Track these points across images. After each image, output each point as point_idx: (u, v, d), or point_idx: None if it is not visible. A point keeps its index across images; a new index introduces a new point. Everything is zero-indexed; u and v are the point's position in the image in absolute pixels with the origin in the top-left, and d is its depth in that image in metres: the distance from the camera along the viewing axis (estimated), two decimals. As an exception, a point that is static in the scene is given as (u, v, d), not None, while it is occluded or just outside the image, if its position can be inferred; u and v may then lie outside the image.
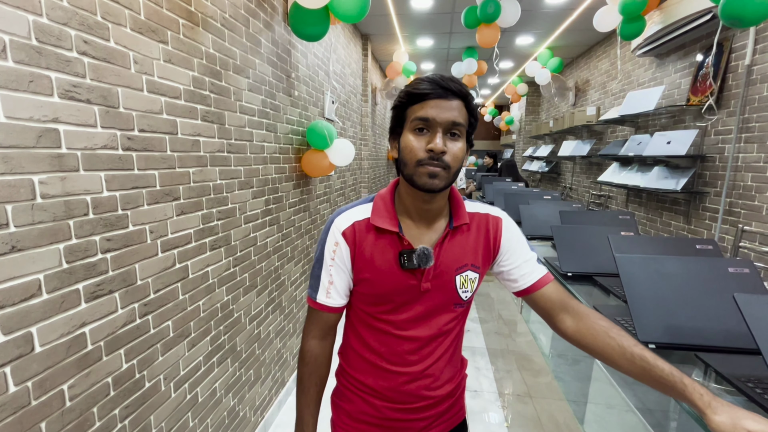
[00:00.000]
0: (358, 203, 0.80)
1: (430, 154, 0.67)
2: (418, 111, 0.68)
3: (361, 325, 0.81)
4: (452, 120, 0.67)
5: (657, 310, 0.84)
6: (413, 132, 0.69)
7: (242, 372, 1.74)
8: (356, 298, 0.80)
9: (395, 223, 0.75)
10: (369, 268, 0.75)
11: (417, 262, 0.71)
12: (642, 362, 0.63)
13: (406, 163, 0.70)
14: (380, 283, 0.74)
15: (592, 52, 4.66)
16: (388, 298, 0.76)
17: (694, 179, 2.61)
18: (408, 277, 0.74)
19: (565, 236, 1.40)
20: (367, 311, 0.79)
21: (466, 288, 0.77)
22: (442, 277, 0.75)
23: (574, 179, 4.97)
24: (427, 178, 0.68)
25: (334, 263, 0.76)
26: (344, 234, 0.75)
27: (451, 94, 0.68)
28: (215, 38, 1.44)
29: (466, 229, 0.78)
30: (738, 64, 2.31)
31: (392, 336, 0.77)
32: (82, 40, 0.90)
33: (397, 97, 0.73)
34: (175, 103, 1.23)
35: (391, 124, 0.76)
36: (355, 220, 0.76)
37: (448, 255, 0.76)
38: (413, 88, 0.69)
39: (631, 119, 3.33)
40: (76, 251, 0.90)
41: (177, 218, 1.26)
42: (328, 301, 0.78)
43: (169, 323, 1.24)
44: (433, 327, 0.77)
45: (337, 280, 0.77)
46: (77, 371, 0.91)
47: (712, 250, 1.12)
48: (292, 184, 2.25)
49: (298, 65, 2.30)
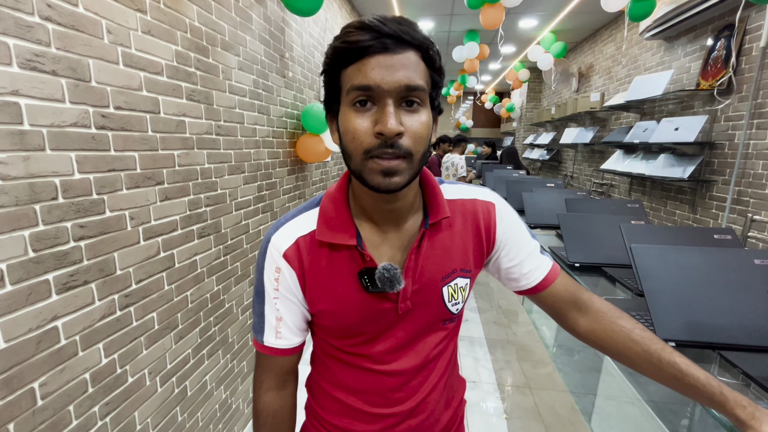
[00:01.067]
0: (301, 209, 0.60)
1: (381, 139, 0.47)
2: (354, 76, 0.47)
3: (329, 360, 0.64)
4: (405, 83, 0.46)
5: (677, 305, 0.77)
6: (353, 107, 0.48)
7: (234, 363, 1.68)
8: (319, 329, 0.63)
9: (352, 232, 0.56)
10: (326, 297, 0.57)
11: (381, 286, 0.54)
12: (672, 369, 0.54)
13: (350, 153, 0.50)
14: (343, 313, 0.57)
15: (597, 35, 4.52)
16: (358, 330, 0.59)
17: (702, 167, 2.53)
18: (379, 301, 0.57)
19: (572, 225, 1.33)
20: (334, 345, 0.62)
21: (456, 299, 0.61)
22: (424, 292, 0.58)
23: (576, 167, 4.88)
24: (381, 178, 0.48)
25: (279, 293, 0.58)
26: (286, 256, 0.57)
27: (400, 43, 0.46)
28: (201, 10, 1.33)
29: (447, 224, 0.60)
30: (752, 47, 2.21)
31: (370, 372, 0.60)
32: (46, 4, 0.81)
33: (325, 56, 0.51)
34: (156, 80, 1.13)
35: (325, 97, 0.54)
36: (299, 235, 0.57)
37: (429, 262, 0.58)
38: (343, 40, 0.47)
39: (637, 105, 3.24)
40: (44, 239, 0.82)
41: (160, 204, 1.18)
42: (280, 342, 0.60)
43: (154, 315, 1.17)
44: (420, 354, 0.61)
45: (287, 315, 0.59)
46: (49, 368, 0.85)
47: (731, 240, 1.06)
48: (287, 169, 2.16)
49: (292, 45, 2.19)
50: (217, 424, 1.56)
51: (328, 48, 0.50)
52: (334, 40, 0.49)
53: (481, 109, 10.16)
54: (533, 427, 2.01)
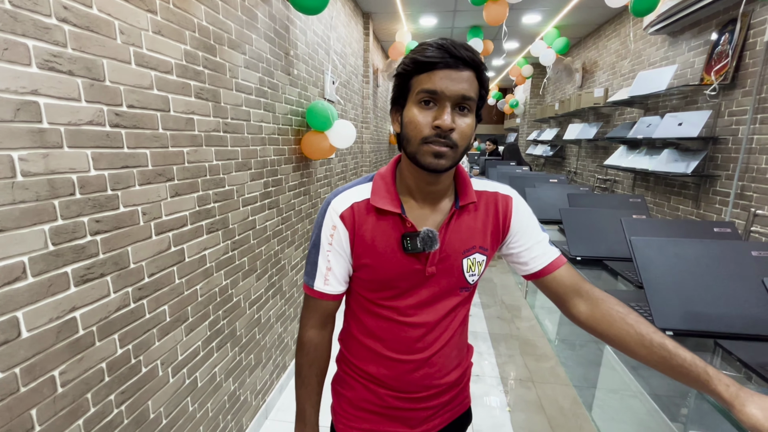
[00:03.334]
0: (357, 183, 0.74)
1: (437, 131, 0.61)
2: (425, 82, 0.61)
3: (362, 311, 0.76)
4: (462, 93, 0.61)
5: (675, 295, 0.79)
6: (418, 105, 0.63)
7: (242, 357, 1.72)
8: (357, 284, 0.75)
9: (397, 204, 0.69)
10: (370, 253, 0.70)
11: (421, 246, 0.66)
12: (661, 350, 0.58)
13: (410, 139, 0.64)
14: (382, 268, 0.70)
15: (601, 31, 4.50)
16: (391, 284, 0.71)
17: (705, 162, 2.53)
18: (412, 262, 0.69)
19: (574, 219, 1.35)
20: (368, 297, 0.74)
21: (473, 271, 0.72)
22: (448, 261, 0.70)
23: (579, 163, 4.88)
24: (432, 158, 0.62)
25: (331, 248, 0.71)
26: (342, 216, 0.70)
27: (462, 63, 0.61)
28: (208, 10, 1.36)
29: (473, 208, 0.73)
30: (756, 41, 2.21)
31: (396, 322, 0.73)
32: (62, 6, 0.84)
33: (401, 63, 0.65)
34: (166, 78, 1.16)
35: (393, 93, 0.68)
36: (354, 201, 0.70)
37: (454, 237, 0.71)
38: (420, 54, 0.62)
39: (641, 100, 3.23)
40: (62, 233, 0.86)
41: (171, 200, 1.21)
42: (327, 288, 0.73)
43: (166, 308, 1.20)
44: (439, 312, 0.73)
45: (336, 266, 0.72)
46: (69, 357, 0.88)
47: (731, 233, 1.07)
48: (292, 166, 2.19)
49: (297, 42, 2.21)
50: (226, 415, 1.59)
51: (405, 57, 0.65)
52: (411, 53, 0.64)
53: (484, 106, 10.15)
54: (536, 420, 2.03)
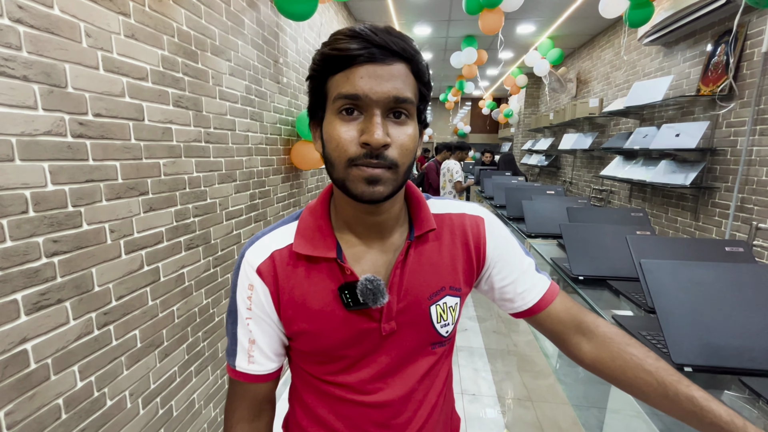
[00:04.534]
0: (279, 224, 0.57)
1: (367, 149, 0.45)
2: (341, 84, 0.45)
3: (307, 391, 0.58)
4: (394, 95, 0.45)
5: (692, 326, 0.72)
6: (338, 115, 0.46)
7: (225, 380, 1.62)
8: (296, 355, 0.58)
9: (332, 245, 0.52)
10: (302, 316, 0.53)
11: (362, 300, 0.50)
12: (690, 405, 0.48)
13: (333, 162, 0.47)
14: (323, 334, 0.53)
15: (595, 41, 4.51)
16: (338, 353, 0.54)
17: (704, 174, 2.49)
18: (360, 320, 0.52)
19: (575, 235, 1.28)
20: (311, 373, 0.56)
21: (445, 320, 0.56)
22: (411, 311, 0.54)
23: (575, 173, 4.85)
24: (365, 185, 0.46)
25: (252, 314, 0.54)
26: (259, 271, 0.53)
27: (389, 54, 0.45)
28: (189, 14, 1.29)
29: (434, 237, 0.56)
30: (753, 52, 2.18)
31: (351, 404, 0.55)
32: (16, 5, 0.76)
33: (312, 61, 0.49)
34: (140, 86, 1.08)
35: (309, 102, 0.52)
36: (274, 249, 0.54)
37: (415, 278, 0.54)
38: (332, 47, 0.46)
39: (636, 111, 3.21)
40: (12, 256, 0.76)
41: (144, 215, 1.12)
42: (252, 367, 0.55)
43: (136, 333, 1.11)
44: (408, 382, 0.55)
45: (261, 337, 0.54)
46: (17, 394, 0.78)
47: (744, 253, 1.00)
48: (281, 177, 2.11)
49: (286, 50, 2.14)
50: (206, 444, 1.49)
51: (315, 54, 0.49)
52: (322, 46, 0.48)
53: (478, 115, 10.16)
54: (535, 443, 1.94)
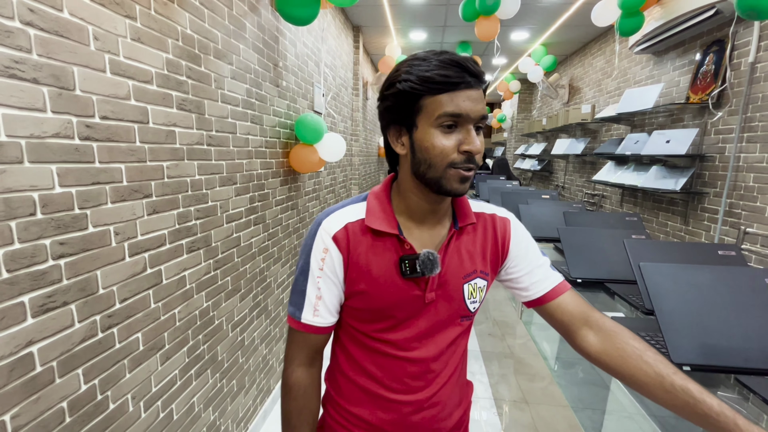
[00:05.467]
0: (349, 202, 0.68)
1: (466, 155, 0.58)
2: (446, 104, 0.57)
3: (353, 345, 0.69)
4: (483, 114, 0.59)
5: (690, 327, 0.74)
6: (440, 129, 0.58)
7: (224, 383, 1.61)
8: (348, 315, 0.68)
9: (394, 225, 0.64)
10: (365, 279, 0.64)
11: (420, 270, 0.61)
12: (685, 396, 0.53)
13: (433, 164, 0.59)
14: (379, 295, 0.64)
15: (587, 49, 4.60)
16: (388, 313, 0.65)
17: (693, 179, 2.56)
18: (410, 287, 0.64)
19: (572, 239, 1.31)
20: (361, 330, 0.67)
21: (474, 298, 0.68)
22: (448, 286, 0.65)
23: (567, 178, 4.92)
24: (458, 183, 0.59)
25: (323, 274, 0.64)
26: (335, 238, 0.64)
27: (479, 82, 0.58)
28: (193, 17, 1.30)
29: (472, 230, 0.69)
30: (741, 62, 2.25)
31: (393, 358, 0.66)
32: (27, 8, 0.76)
33: (404, 80, 0.58)
34: (145, 88, 1.09)
35: (393, 112, 0.62)
36: (348, 221, 0.65)
37: (454, 260, 0.66)
38: (434, 73, 0.56)
39: (628, 117, 3.28)
40: (19, 258, 0.76)
41: (148, 218, 1.12)
42: (316, 320, 0.66)
43: (139, 335, 1.10)
44: (439, 345, 0.67)
45: (327, 295, 0.65)
46: (23, 398, 0.78)
47: (736, 256, 1.04)
48: (279, 180, 2.11)
49: (286, 54, 2.16)
50: (205, 448, 1.48)
51: (410, 75, 0.58)
52: (421, 70, 0.57)
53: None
54: (532, 445, 1.96)
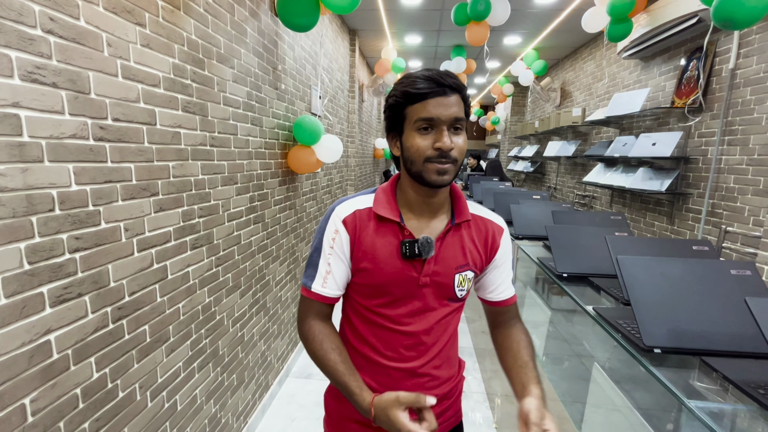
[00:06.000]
0: (360, 194, 0.80)
1: (439, 152, 0.68)
2: (420, 111, 0.68)
3: (357, 318, 0.80)
4: (454, 116, 0.68)
5: (661, 314, 0.81)
6: (418, 132, 0.69)
7: (224, 377, 1.66)
8: (353, 290, 0.79)
9: (397, 214, 0.75)
10: (368, 257, 0.73)
11: (418, 251, 0.71)
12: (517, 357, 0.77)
13: (414, 160, 0.70)
14: (379, 272, 0.73)
15: (577, 54, 4.71)
16: (386, 290, 0.74)
17: (678, 181, 2.65)
18: (408, 268, 0.73)
19: (559, 237, 1.38)
20: (364, 304, 0.77)
21: (462, 287, 0.77)
22: (441, 274, 0.74)
23: (559, 179, 5.02)
24: (436, 175, 0.69)
25: (333, 252, 0.75)
26: (345, 221, 0.74)
27: (449, 89, 0.68)
28: (197, 24, 1.35)
29: (467, 227, 0.78)
30: (722, 68, 2.35)
31: (390, 331, 0.76)
32: (48, 17, 0.82)
33: (392, 95, 0.72)
34: (153, 92, 1.14)
35: (388, 122, 0.75)
36: (357, 208, 0.76)
37: (448, 251, 0.75)
38: (411, 87, 0.69)
39: (617, 121, 3.37)
40: (39, 251, 0.81)
41: (155, 215, 1.17)
42: (324, 290, 0.76)
43: (146, 328, 1.15)
44: (429, 321, 0.76)
45: (335, 270, 0.75)
46: (41, 383, 0.83)
47: (708, 251, 1.11)
48: (278, 180, 2.17)
49: (284, 57, 2.21)
50: (206, 440, 1.52)
51: (396, 90, 0.71)
52: (401, 86, 0.70)
53: (466, 122, 10.38)
54: (523, 437, 2.02)
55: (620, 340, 0.87)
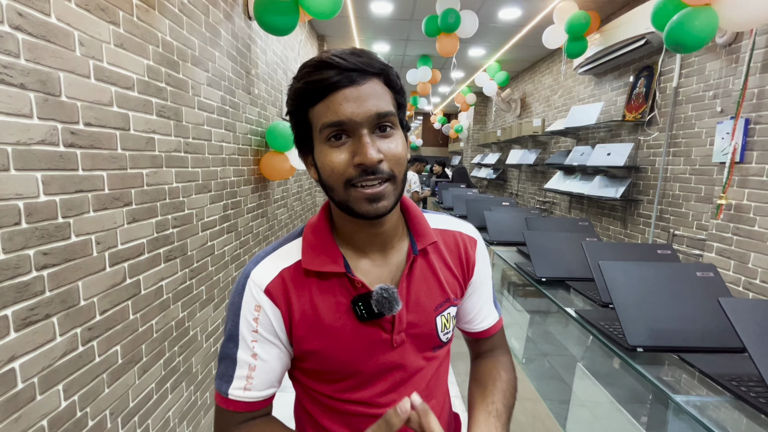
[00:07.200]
0: (281, 242, 0.57)
1: (362, 168, 0.47)
2: (323, 114, 0.47)
3: (317, 409, 0.57)
4: (376, 111, 0.47)
5: (641, 315, 0.88)
6: (327, 143, 0.48)
7: (198, 395, 1.56)
8: (303, 375, 0.57)
9: (339, 261, 0.53)
10: (316, 335, 0.52)
11: (377, 309, 0.51)
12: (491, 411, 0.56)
13: (332, 186, 0.49)
14: (336, 352, 0.53)
15: (536, 67, 4.98)
16: (352, 369, 0.54)
17: (630, 188, 2.87)
18: (374, 332, 0.53)
19: (536, 242, 1.44)
20: (322, 392, 0.56)
21: (447, 329, 0.59)
22: (418, 324, 0.55)
23: (520, 186, 5.26)
24: (367, 204, 0.48)
25: (258, 337, 0.52)
26: (269, 291, 0.52)
27: (363, 74, 0.47)
28: (172, 24, 1.29)
29: (433, 250, 0.58)
30: (666, 86, 2.59)
31: (368, 417, 0.53)
32: (16, 12, 0.74)
33: (288, 98, 0.50)
34: (127, 95, 1.07)
35: (295, 136, 0.53)
36: (282, 267, 0.53)
37: (420, 290, 0.56)
38: (306, 81, 0.47)
39: (574, 131, 3.60)
40: (3, 269, 0.73)
41: (128, 226, 1.09)
42: (248, 394, 0.52)
43: (118, 348, 1.07)
44: (417, 388, 0.56)
45: (266, 361, 0.53)
46: (4, 417, 0.74)
47: (671, 254, 1.22)
48: (251, 187, 2.10)
49: (257, 62, 2.16)
50: (179, 465, 1.43)
51: (289, 90, 0.50)
52: (294, 81, 0.49)
53: (430, 129, 10.59)
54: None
55: (605, 340, 0.92)
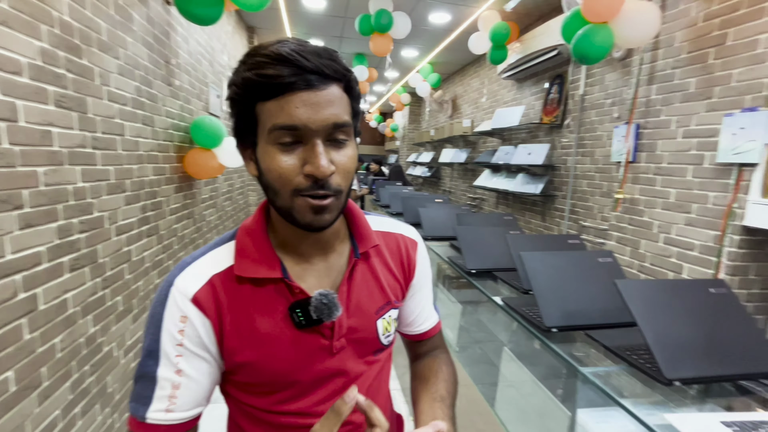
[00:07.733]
0: (211, 246, 0.52)
1: (312, 179, 0.44)
2: (276, 114, 0.43)
3: (251, 424, 0.54)
4: (334, 121, 0.44)
5: (556, 299, 0.97)
6: (276, 146, 0.44)
7: (116, 417, 1.41)
8: (234, 388, 0.53)
9: (275, 264, 0.50)
10: (249, 344, 0.49)
11: (316, 316, 0.48)
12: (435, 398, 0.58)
13: (277, 191, 0.46)
14: (272, 362, 0.49)
15: (465, 70, 5.26)
16: (289, 380, 0.51)
17: (548, 185, 3.16)
18: (313, 339, 0.51)
19: (467, 236, 1.53)
20: (256, 406, 0.52)
21: (389, 332, 0.58)
22: (359, 329, 0.54)
23: (453, 183, 5.53)
24: (312, 215, 0.46)
25: (183, 351, 0.47)
26: (196, 300, 0.47)
27: (324, 79, 0.43)
28: (72, 3, 1.14)
29: (375, 253, 0.58)
30: (575, 93, 2.89)
31: (305, 429, 0.48)
32: None
33: (233, 84, 0.46)
34: (13, 81, 0.93)
35: (235, 125, 0.48)
36: (213, 273, 0.49)
37: (362, 294, 0.54)
38: (259, 73, 0.42)
39: (499, 132, 3.87)
40: None
41: (20, 233, 0.95)
42: (170, 416, 0.47)
43: (10, 375, 0.92)
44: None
45: (191, 377, 0.48)
46: None
47: (579, 243, 1.37)
48: (174, 187, 1.94)
49: (178, 51, 2.00)
50: (94, 497, 1.28)
51: (236, 77, 0.45)
52: (243, 69, 0.44)
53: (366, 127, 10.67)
54: (437, 424, 2.17)
55: (526, 324, 1.01)
